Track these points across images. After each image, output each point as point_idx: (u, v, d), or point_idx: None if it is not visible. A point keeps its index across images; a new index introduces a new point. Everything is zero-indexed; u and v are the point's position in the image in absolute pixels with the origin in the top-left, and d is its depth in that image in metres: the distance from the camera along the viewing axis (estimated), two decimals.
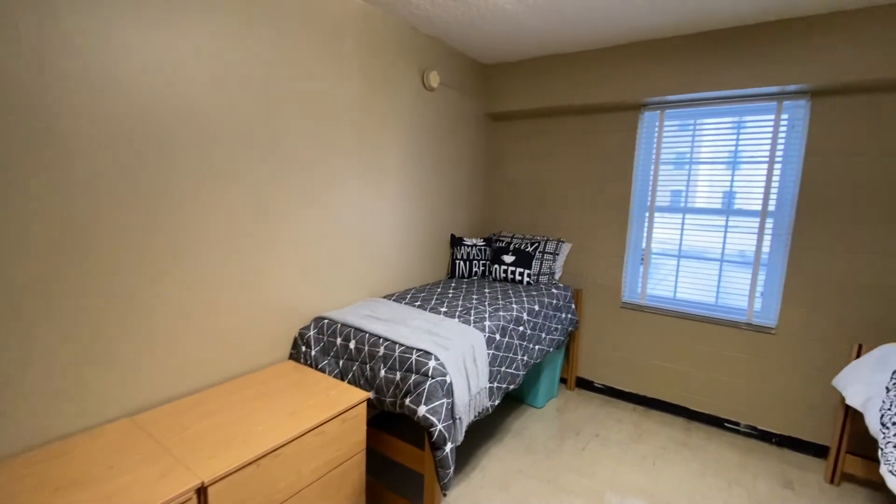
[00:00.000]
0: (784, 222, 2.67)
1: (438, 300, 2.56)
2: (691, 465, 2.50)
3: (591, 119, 3.24)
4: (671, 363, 3.05)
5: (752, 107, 2.70)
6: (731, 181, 2.80)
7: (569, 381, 3.39)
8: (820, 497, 2.28)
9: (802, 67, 2.38)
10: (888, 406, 1.80)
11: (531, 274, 3.10)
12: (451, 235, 3.36)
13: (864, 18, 2.23)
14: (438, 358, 1.77)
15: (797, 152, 2.59)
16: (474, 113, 3.47)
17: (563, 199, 3.41)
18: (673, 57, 2.74)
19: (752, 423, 2.82)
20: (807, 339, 2.62)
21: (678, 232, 3.00)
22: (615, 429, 2.85)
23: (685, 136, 2.94)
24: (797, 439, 2.69)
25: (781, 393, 2.71)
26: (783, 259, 2.68)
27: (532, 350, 2.51)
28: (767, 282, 2.75)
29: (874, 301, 2.44)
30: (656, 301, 3.10)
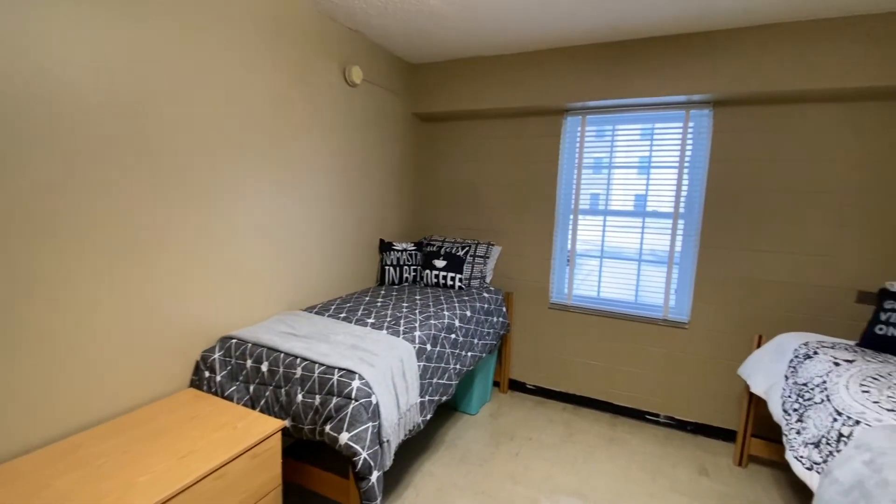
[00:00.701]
0: (693, 223, 2.85)
1: (365, 310, 2.40)
2: (618, 460, 2.57)
3: (518, 123, 3.25)
4: (597, 360, 3.14)
5: (664, 114, 2.85)
6: (647, 185, 2.94)
7: (502, 384, 3.38)
8: (731, 480, 2.44)
9: (707, 79, 2.55)
10: (788, 393, 1.95)
11: (463, 278, 3.04)
12: (380, 240, 3.21)
13: (761, 35, 2.43)
14: (363, 377, 1.62)
15: (703, 158, 2.78)
16: (402, 113, 3.34)
17: (492, 202, 3.39)
18: (593, 64, 2.81)
19: (670, 414, 2.98)
20: (716, 332, 2.81)
21: (600, 233, 3.10)
22: (547, 430, 2.87)
23: (604, 141, 3.04)
24: (709, 426, 2.88)
25: (695, 383, 2.89)
26: (693, 258, 2.86)
27: (465, 357, 2.44)
28: (680, 279, 2.92)
29: (772, 294, 2.67)
30: (582, 301, 3.18)
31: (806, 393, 1.81)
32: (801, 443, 1.66)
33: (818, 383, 1.78)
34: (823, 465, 1.47)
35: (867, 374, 1.73)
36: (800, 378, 1.93)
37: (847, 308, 2.52)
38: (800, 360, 2.03)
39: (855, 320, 2.50)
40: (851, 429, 1.42)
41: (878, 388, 1.61)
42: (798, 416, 1.77)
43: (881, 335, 2.06)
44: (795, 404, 1.84)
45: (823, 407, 1.64)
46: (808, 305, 2.59)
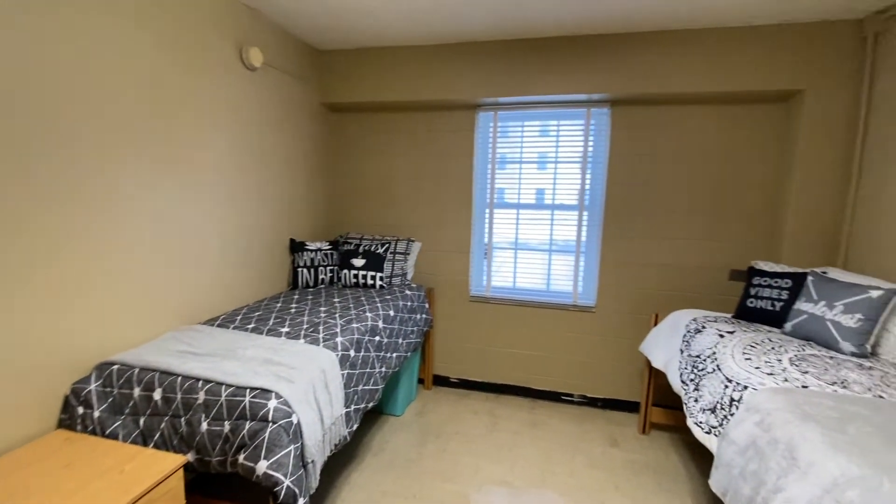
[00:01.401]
0: (596, 215, 3.05)
1: (279, 318, 2.18)
2: (541, 443, 2.68)
3: (433, 116, 3.21)
4: (515, 349, 3.25)
5: (568, 112, 3.01)
6: (554, 179, 3.09)
7: (426, 380, 3.35)
8: (636, 447, 2.68)
9: (606, 79, 2.73)
10: (684, 366, 2.17)
11: (384, 277, 2.93)
12: (291, 240, 2.96)
13: (654, 41, 2.66)
14: (280, 395, 1.46)
15: (603, 154, 2.99)
16: (311, 102, 3.10)
17: (410, 196, 3.32)
18: (503, 60, 2.86)
19: (582, 393, 3.19)
20: (619, 314, 3.06)
21: (514, 226, 3.19)
22: (473, 422, 2.90)
23: (515, 136, 3.13)
24: (617, 400, 3.14)
25: (603, 362, 3.13)
26: (597, 247, 3.07)
27: (390, 359, 2.35)
28: (586, 267, 3.12)
29: (664, 277, 2.97)
30: (500, 292, 3.27)
31: (699, 364, 2.03)
32: (700, 409, 1.85)
33: (709, 354, 2.00)
34: (720, 428, 1.65)
35: (746, 343, 1.98)
36: (693, 351, 2.16)
37: (722, 285, 2.89)
38: (691, 335, 2.27)
39: (729, 295, 2.88)
40: (741, 393, 1.61)
41: (756, 355, 1.86)
42: (695, 386, 1.97)
43: (752, 307, 2.40)
44: (691, 375, 2.05)
45: (715, 376, 1.84)
46: (693, 285, 2.93)
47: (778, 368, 1.71)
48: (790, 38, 2.48)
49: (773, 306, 2.31)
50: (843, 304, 1.98)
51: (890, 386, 1.57)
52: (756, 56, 2.52)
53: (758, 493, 1.31)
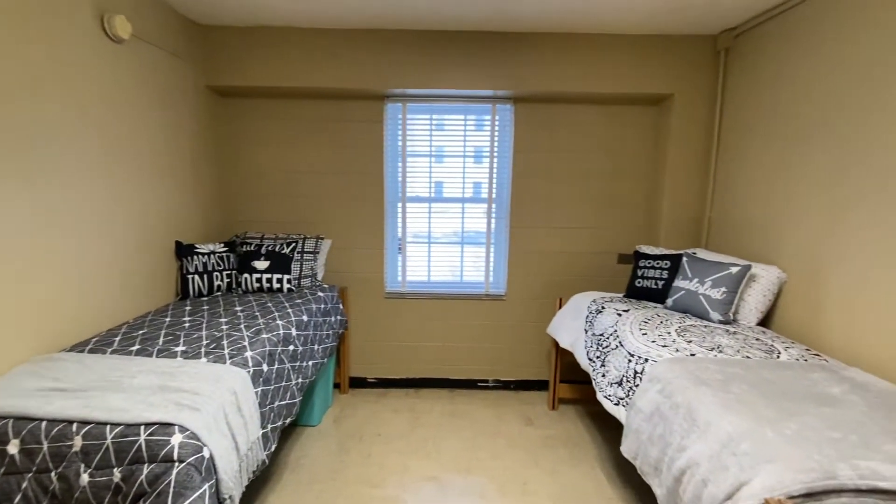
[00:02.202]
0: (504, 207, 3.18)
1: (170, 336, 1.89)
2: (463, 433, 2.74)
3: (340, 105, 3.03)
4: (432, 341, 3.27)
5: (476, 107, 3.07)
6: (463, 172, 3.14)
7: (342, 384, 3.20)
8: (547, 422, 2.88)
9: (509, 76, 2.83)
10: (590, 344, 2.38)
11: (292, 279, 2.70)
12: (177, 243, 2.58)
13: (554, 42, 2.81)
14: (186, 427, 1.26)
15: (508, 148, 3.11)
16: (194, 84, 2.71)
17: (318, 191, 3.11)
18: (412, 51, 2.80)
19: (497, 378, 3.33)
20: (528, 300, 3.24)
21: (426, 220, 3.19)
22: (394, 421, 2.85)
23: (425, 129, 3.10)
24: (528, 381, 3.33)
25: (514, 347, 3.29)
26: (506, 237, 3.20)
27: (306, 368, 2.18)
28: (496, 257, 3.25)
29: (566, 262, 3.21)
30: (415, 287, 3.24)
31: (603, 342, 2.23)
32: (608, 383, 2.04)
33: (611, 332, 2.21)
34: (627, 399, 1.84)
35: (640, 320, 2.23)
36: (596, 330, 2.37)
37: (614, 268, 3.22)
38: (593, 315, 2.49)
39: (619, 276, 3.22)
40: (643, 366, 1.81)
41: (650, 329, 2.10)
42: (601, 362, 2.17)
43: (640, 287, 2.70)
44: (597, 352, 2.25)
45: (619, 351, 2.04)
46: (591, 269, 3.22)
47: (669, 340, 1.95)
48: (661, 48, 2.81)
49: (657, 285, 2.63)
50: (711, 280, 2.33)
51: (752, 347, 1.89)
52: (634, 62, 2.82)
53: (665, 453, 1.48)
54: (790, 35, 2.27)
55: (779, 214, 2.32)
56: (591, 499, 2.17)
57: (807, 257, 2.13)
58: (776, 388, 1.49)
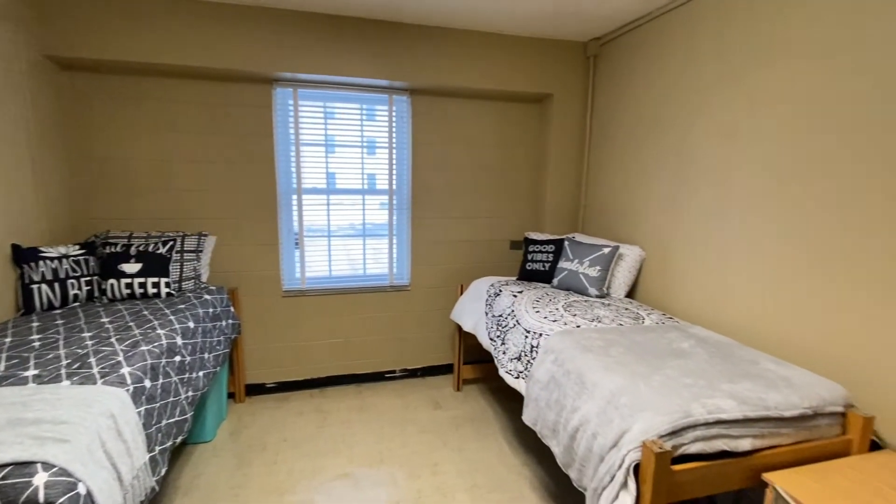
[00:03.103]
0: (404, 198, 3.21)
1: (15, 358, 1.55)
2: (372, 425, 2.73)
3: (221, 88, 2.75)
4: (336, 338, 3.19)
5: (374, 96, 3.03)
6: (362, 163, 3.09)
7: (237, 393, 2.96)
8: (453, 403, 3.02)
9: (405, 68, 2.84)
10: (490, 326, 2.54)
11: (171, 282, 2.40)
12: (14, 247, 2.11)
13: (451, 37, 2.87)
14: (52, 463, 1.06)
15: (406, 139, 3.13)
16: (26, 53, 2.22)
17: (199, 182, 2.78)
18: (304, 34, 2.65)
19: (404, 367, 3.38)
20: (432, 289, 3.33)
21: (325, 212, 3.07)
22: (300, 424, 2.73)
23: (321, 118, 2.97)
24: (434, 366, 3.44)
25: (420, 335, 3.37)
26: (408, 228, 3.24)
27: (197, 379, 1.97)
28: (399, 249, 3.27)
29: (466, 251, 3.36)
30: (315, 283, 3.12)
31: (502, 322, 2.41)
32: (508, 359, 2.21)
33: (509, 313, 2.39)
34: (526, 372, 2.01)
35: (533, 299, 2.45)
36: (495, 312, 2.54)
37: (506, 254, 3.46)
38: (492, 298, 2.66)
39: (512, 261, 3.48)
40: (538, 340, 1.99)
41: (541, 307, 2.32)
42: (502, 341, 2.34)
43: (530, 269, 2.95)
44: (497, 332, 2.42)
45: (517, 329, 2.22)
46: (487, 255, 3.42)
47: (558, 315, 2.18)
48: (541, 51, 3.07)
49: (544, 267, 2.90)
50: (588, 260, 2.64)
51: (623, 315, 2.20)
52: (520, 63, 3.03)
53: (560, 416, 1.66)
54: (641, 47, 2.65)
55: (636, 202, 2.71)
56: (497, 468, 2.34)
57: (658, 238, 2.54)
58: (644, 348, 1.77)
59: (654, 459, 1.20)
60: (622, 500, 1.28)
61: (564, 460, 1.61)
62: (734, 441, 1.32)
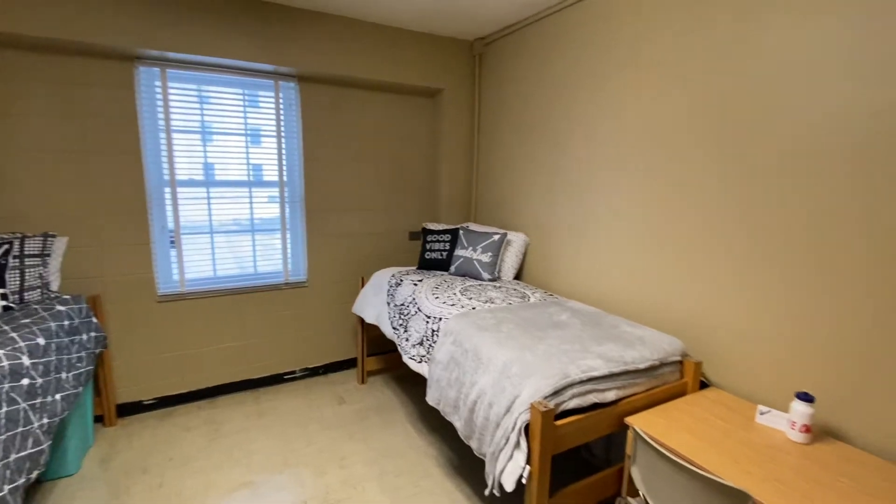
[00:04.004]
0: (297, 191, 3.08)
1: None
2: (274, 430, 2.62)
3: (72, 64, 2.33)
4: (227, 343, 2.96)
5: (258, 82, 2.83)
6: (247, 152, 2.88)
7: (107, 415, 2.59)
8: (358, 396, 3.02)
9: (293, 52, 2.71)
10: (393, 315, 2.58)
11: (9, 293, 2.00)
12: None
13: (334, 24, 2.79)
14: None
15: (296, 129, 3.00)
16: None
17: (43, 174, 2.34)
18: (172, 6, 2.37)
19: (304, 366, 3.27)
20: (331, 284, 3.26)
21: (206, 207, 2.82)
22: (188, 440, 2.50)
23: (196, 102, 2.70)
24: (337, 362, 3.38)
25: (320, 331, 3.28)
26: (302, 222, 3.12)
27: (53, 404, 1.70)
28: (293, 244, 3.14)
29: (365, 243, 3.34)
30: (198, 284, 2.85)
31: (404, 310, 2.47)
32: (411, 345, 2.28)
33: (410, 301, 2.46)
34: (428, 355, 2.11)
35: (432, 287, 2.55)
36: (397, 301, 2.60)
37: (405, 244, 3.53)
38: (394, 289, 2.71)
39: (411, 251, 3.55)
40: (438, 324, 2.10)
41: (440, 293, 2.43)
42: (404, 329, 2.40)
43: (429, 259, 3.06)
44: (400, 321, 2.48)
45: (418, 316, 2.30)
46: (387, 247, 3.44)
47: (455, 300, 2.31)
48: (432, 46, 3.16)
49: (442, 255, 3.03)
50: (481, 247, 2.83)
51: (512, 296, 2.42)
52: (412, 56, 3.09)
53: (461, 392, 1.79)
54: (521, 50, 2.89)
55: (520, 192, 2.97)
56: (405, 452, 2.41)
57: (538, 225, 2.81)
58: (530, 322, 1.97)
59: (541, 418, 1.37)
60: (516, 458, 1.44)
61: (466, 432, 1.74)
62: (602, 394, 1.56)
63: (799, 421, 1.40)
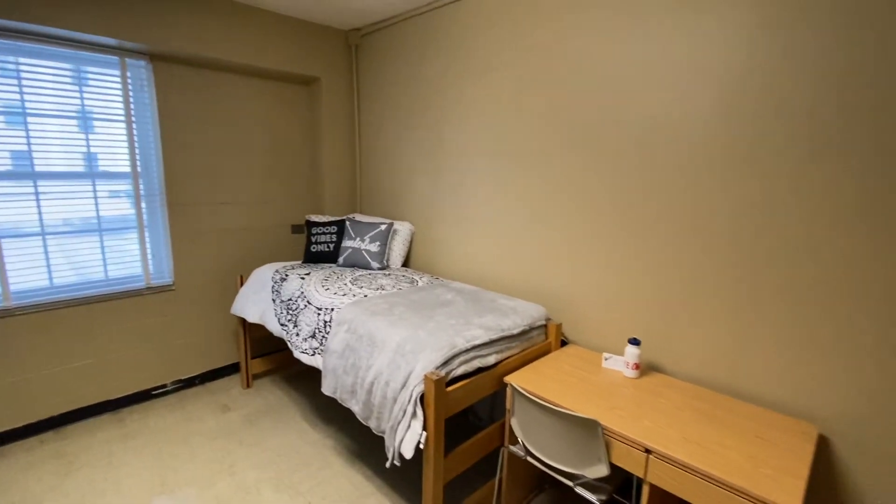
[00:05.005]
0: (155, 183, 2.75)
1: None
2: (145, 451, 2.35)
3: None
4: (75, 362, 2.55)
5: (96, 57, 2.45)
6: (87, 140, 2.49)
7: None
8: (245, 401, 2.87)
9: (144, 27, 2.40)
10: (280, 311, 2.50)
11: None
12: None
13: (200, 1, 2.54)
14: None
15: (150, 114, 2.68)
16: None
17: None
18: None
19: (177, 378, 2.97)
20: (203, 285, 2.99)
21: (34, 204, 2.37)
22: (31, 480, 2.12)
23: (8, 78, 2.23)
24: (216, 369, 3.14)
25: (194, 338, 3.00)
26: (163, 218, 2.81)
27: None
28: (154, 243, 2.81)
29: (243, 239, 3.13)
30: (29, 297, 2.39)
31: (292, 305, 2.42)
32: (302, 340, 2.25)
33: (298, 295, 2.42)
34: (321, 347, 2.11)
35: (321, 279, 2.54)
36: (284, 297, 2.52)
37: (288, 239, 3.40)
38: (279, 284, 2.62)
39: (295, 245, 3.44)
40: (330, 315, 2.11)
41: (330, 284, 2.43)
42: (294, 323, 2.35)
43: (315, 251, 3.01)
44: (288, 316, 2.42)
45: (308, 309, 2.28)
46: (269, 242, 3.28)
47: (347, 290, 2.34)
48: (307, 34, 3.07)
49: (329, 247, 3.01)
50: (369, 237, 2.88)
51: (402, 282, 2.53)
52: (286, 42, 2.96)
53: (357, 377, 1.85)
54: (399, 44, 2.98)
55: (404, 182, 3.09)
56: (300, 448, 2.39)
57: (422, 213, 2.98)
58: (420, 304, 2.11)
59: (434, 386, 1.51)
60: (413, 427, 1.56)
61: (364, 414, 1.81)
62: (485, 358, 1.77)
63: (630, 361, 1.78)
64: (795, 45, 1.46)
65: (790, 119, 1.49)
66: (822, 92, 1.42)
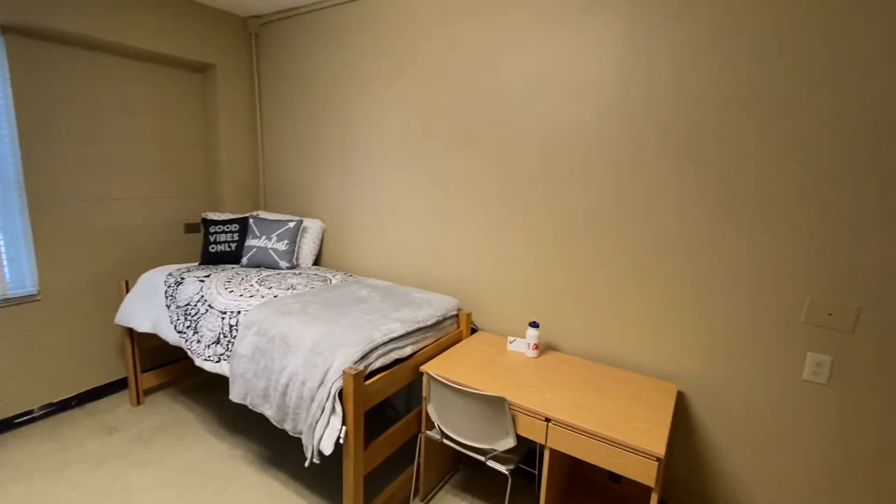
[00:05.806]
0: (10, 177, 2.36)
1: None
2: (9, 488, 2.03)
3: None
4: None
5: None
6: None
7: None
8: (135, 420, 2.59)
9: None
10: (176, 318, 2.30)
11: None
12: None
13: None
14: None
15: (3, 97, 2.28)
16: None
17: None
18: None
19: (46, 402, 2.58)
20: (77, 293, 2.63)
21: None
22: None
23: None
24: (96, 388, 2.78)
25: (66, 354, 2.63)
26: (23, 217, 2.42)
27: None
28: (10, 246, 2.40)
29: (126, 240, 2.80)
30: None
31: (191, 310, 2.25)
32: (205, 347, 2.11)
33: (198, 299, 2.25)
34: (227, 352, 2.00)
35: (224, 280, 2.39)
36: (180, 301, 2.33)
37: (181, 239, 3.12)
38: (174, 289, 2.41)
39: (190, 246, 3.16)
40: (237, 318, 2.01)
41: (235, 286, 2.31)
42: (194, 330, 2.19)
43: (214, 252, 2.81)
44: (187, 322, 2.24)
45: (210, 314, 2.14)
46: (158, 243, 2.97)
47: (254, 290, 2.25)
48: (200, 17, 2.83)
49: (230, 247, 2.83)
50: (275, 236, 2.77)
51: (314, 280, 2.49)
52: (176, 24, 2.71)
53: (270, 380, 1.80)
54: (304, 35, 2.89)
55: (313, 177, 3.02)
56: (206, 461, 2.24)
57: (334, 210, 2.94)
58: (334, 302, 2.10)
59: (352, 381, 1.54)
60: (332, 423, 1.58)
61: (279, 417, 1.77)
62: (402, 350, 1.83)
63: (531, 342, 1.98)
64: (659, 62, 1.74)
65: (663, 129, 1.78)
66: (675, 108, 1.73)
